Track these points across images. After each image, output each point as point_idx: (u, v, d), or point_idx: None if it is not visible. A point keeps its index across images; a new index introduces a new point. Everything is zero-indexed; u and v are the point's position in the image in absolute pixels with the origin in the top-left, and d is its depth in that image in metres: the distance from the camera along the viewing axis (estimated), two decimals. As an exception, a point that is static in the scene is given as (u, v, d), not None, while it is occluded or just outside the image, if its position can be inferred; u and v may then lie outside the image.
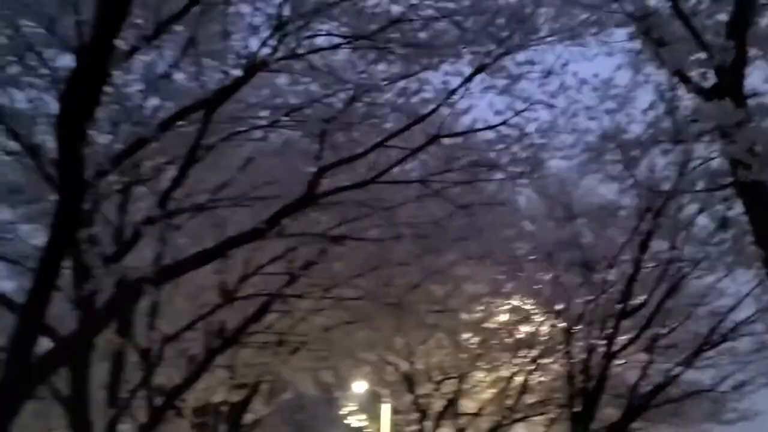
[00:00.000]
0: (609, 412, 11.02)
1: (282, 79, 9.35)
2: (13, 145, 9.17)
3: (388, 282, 9.81)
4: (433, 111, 7.56)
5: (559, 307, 11.36)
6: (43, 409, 10.25)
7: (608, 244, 10.93)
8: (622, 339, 10.92)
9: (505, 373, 13.50)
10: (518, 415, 13.25)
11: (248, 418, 21.24)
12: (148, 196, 9.64)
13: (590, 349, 10.53)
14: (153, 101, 8.99)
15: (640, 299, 10.55)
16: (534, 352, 13.00)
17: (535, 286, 11.82)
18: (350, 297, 9.80)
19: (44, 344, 5.99)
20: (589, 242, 10.62)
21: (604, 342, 10.56)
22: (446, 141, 8.04)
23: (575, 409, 10.48)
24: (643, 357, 11.31)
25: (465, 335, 13.32)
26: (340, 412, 23.27)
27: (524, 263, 11.20)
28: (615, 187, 10.09)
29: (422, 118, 7.62)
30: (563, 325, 11.18)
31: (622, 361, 11.09)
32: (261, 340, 11.73)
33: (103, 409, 9.30)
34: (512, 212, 9.54)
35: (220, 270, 12.52)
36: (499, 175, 8.09)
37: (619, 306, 10.44)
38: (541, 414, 13.45)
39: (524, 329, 12.64)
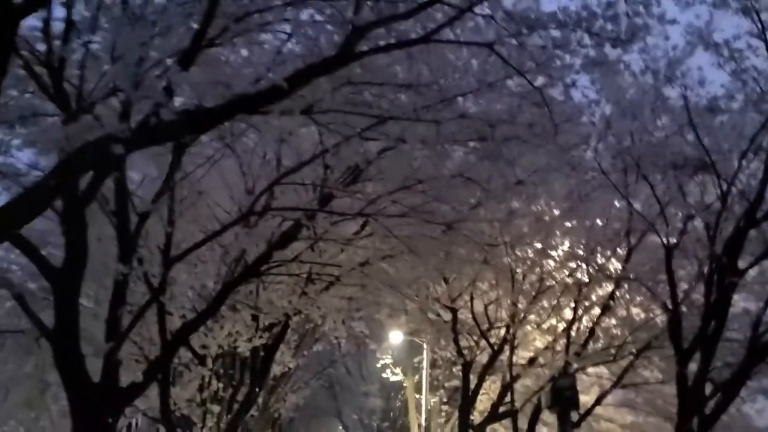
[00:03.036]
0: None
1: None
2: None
3: (437, 198, 8.09)
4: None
5: (651, 225, 9.35)
6: (27, 344, 8.95)
7: (724, 140, 8.89)
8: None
9: (567, 315, 11.78)
10: (584, 363, 11.54)
11: (276, 370, 20.09)
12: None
13: (710, 273, 8.55)
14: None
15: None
16: (607, 288, 11.21)
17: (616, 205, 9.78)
18: (392, 214, 8.11)
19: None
20: (694, 141, 8.63)
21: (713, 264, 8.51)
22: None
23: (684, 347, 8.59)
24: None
25: (521, 273, 11.61)
26: (377, 365, 21.90)
27: (611, 173, 9.27)
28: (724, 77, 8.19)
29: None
30: (661, 246, 9.22)
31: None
32: (287, 273, 10.16)
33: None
34: (592, 106, 7.71)
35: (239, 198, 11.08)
36: (585, 43, 6.20)
37: (743, 217, 8.39)
38: (611, 361, 11.72)
39: (596, 261, 10.79)
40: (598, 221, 10.57)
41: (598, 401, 12.04)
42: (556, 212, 10.19)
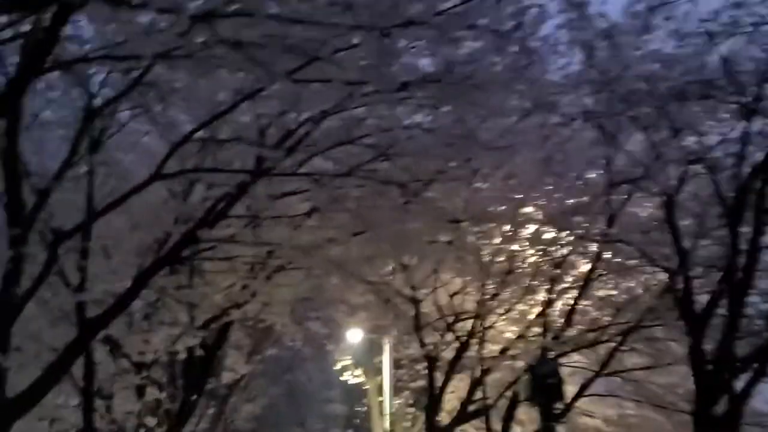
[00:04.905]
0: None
1: None
2: None
3: (386, 154, 6.78)
4: None
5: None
6: None
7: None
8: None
9: (541, 298, 10.60)
10: (563, 348, 10.34)
11: (227, 377, 18.61)
12: None
13: (734, 211, 7.15)
14: None
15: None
16: (586, 267, 10.03)
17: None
18: (338, 173, 6.83)
19: None
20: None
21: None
22: None
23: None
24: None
25: (489, 253, 10.41)
26: (335, 368, 20.50)
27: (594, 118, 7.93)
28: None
29: None
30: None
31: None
32: (218, 257, 8.79)
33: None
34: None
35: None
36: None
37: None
38: (594, 344, 10.55)
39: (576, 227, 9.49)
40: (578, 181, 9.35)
41: (581, 391, 10.89)
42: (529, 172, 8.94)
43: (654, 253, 8.50)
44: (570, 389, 11.58)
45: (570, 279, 10.58)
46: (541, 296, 10.76)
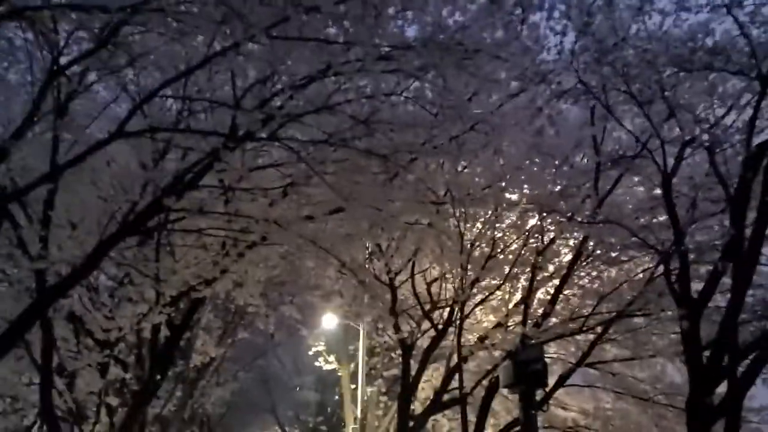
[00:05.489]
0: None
1: None
2: None
3: (370, 122, 6.37)
4: None
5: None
6: None
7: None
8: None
9: (521, 285, 10.27)
10: (545, 336, 9.96)
11: (197, 360, 18.16)
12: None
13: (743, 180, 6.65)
14: None
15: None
16: (565, 255, 9.71)
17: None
18: (317, 140, 6.42)
19: None
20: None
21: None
22: None
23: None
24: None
25: (470, 238, 10.05)
26: (310, 354, 20.06)
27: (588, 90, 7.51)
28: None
29: None
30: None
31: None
32: (186, 229, 8.35)
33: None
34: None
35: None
36: None
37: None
38: (577, 333, 10.22)
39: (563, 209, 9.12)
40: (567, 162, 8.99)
41: (561, 382, 10.57)
42: (517, 152, 8.56)
43: (646, 237, 8.17)
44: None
45: (552, 267, 10.26)
46: (522, 284, 10.42)
